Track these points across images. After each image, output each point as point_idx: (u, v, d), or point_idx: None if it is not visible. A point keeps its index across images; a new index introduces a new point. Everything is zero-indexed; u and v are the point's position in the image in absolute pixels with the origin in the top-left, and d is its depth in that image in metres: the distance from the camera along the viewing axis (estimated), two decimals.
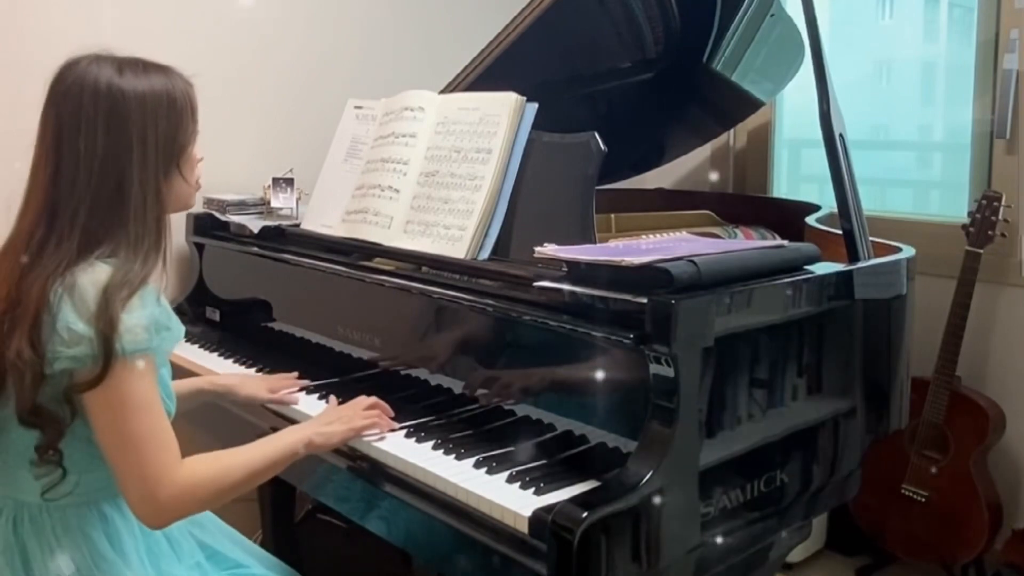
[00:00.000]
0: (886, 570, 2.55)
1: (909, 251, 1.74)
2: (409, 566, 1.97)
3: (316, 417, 1.52)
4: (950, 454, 2.30)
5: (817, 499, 1.53)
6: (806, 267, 1.49)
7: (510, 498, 1.25)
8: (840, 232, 1.65)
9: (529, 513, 1.20)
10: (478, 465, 1.36)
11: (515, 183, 1.66)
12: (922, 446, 2.33)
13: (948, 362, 2.26)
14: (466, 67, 1.95)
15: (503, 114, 1.69)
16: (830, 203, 1.86)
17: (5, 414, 1.23)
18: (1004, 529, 2.33)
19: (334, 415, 1.50)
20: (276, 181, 2.25)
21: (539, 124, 1.68)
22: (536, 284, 1.40)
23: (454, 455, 1.41)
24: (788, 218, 2.23)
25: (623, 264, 1.28)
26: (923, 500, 2.33)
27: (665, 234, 1.88)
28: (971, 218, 2.26)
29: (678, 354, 1.22)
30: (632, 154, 2.43)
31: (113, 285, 1.17)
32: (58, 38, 1.33)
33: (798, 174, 3.07)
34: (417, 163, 1.81)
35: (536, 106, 1.69)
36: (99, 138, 1.21)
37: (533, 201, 1.65)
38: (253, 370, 1.90)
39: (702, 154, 2.99)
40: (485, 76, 1.91)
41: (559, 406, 1.41)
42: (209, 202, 2.29)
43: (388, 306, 1.72)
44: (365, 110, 2.02)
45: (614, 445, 1.32)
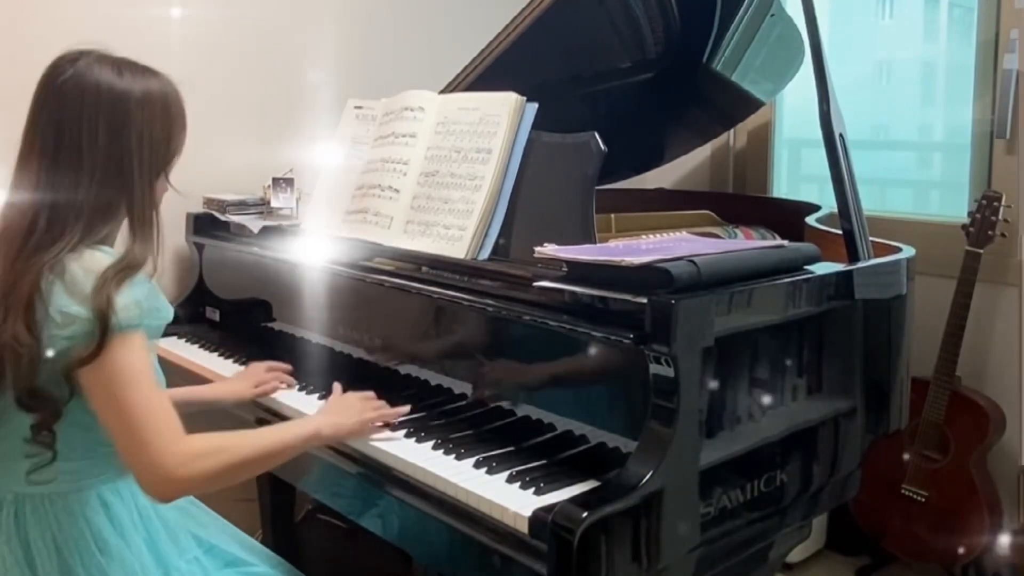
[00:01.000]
0: (886, 570, 2.55)
1: (909, 251, 1.74)
2: (409, 566, 1.97)
3: (324, 408, 1.54)
4: (950, 454, 2.30)
5: (817, 499, 1.53)
6: (806, 267, 1.49)
7: (510, 498, 1.25)
8: (840, 232, 1.65)
9: (529, 513, 1.20)
10: (478, 465, 1.36)
11: (515, 183, 1.66)
12: (922, 446, 2.33)
13: (948, 362, 2.26)
14: (466, 67, 1.95)
15: (503, 114, 1.69)
16: (830, 203, 1.86)
17: (2, 404, 1.25)
18: (1004, 529, 2.33)
19: (343, 405, 1.52)
20: (276, 181, 2.25)
21: (539, 124, 1.68)
22: (536, 284, 1.40)
23: (454, 455, 1.41)
24: (788, 218, 2.23)
25: (623, 264, 1.28)
26: (923, 500, 2.33)
27: (665, 234, 1.88)
28: (971, 218, 2.26)
29: (678, 354, 1.22)
30: (632, 154, 2.43)
31: (110, 268, 1.22)
32: (57, 36, 1.33)
33: (798, 174, 3.08)
34: (417, 163, 1.81)
35: (536, 106, 1.69)
36: (100, 137, 1.25)
37: (533, 201, 1.65)
38: None
39: (702, 154, 3.00)
40: (485, 76, 1.91)
41: (559, 406, 1.41)
42: (209, 202, 2.29)
43: (388, 306, 1.72)
44: (365, 110, 2.02)
45: (614, 445, 1.32)
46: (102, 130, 1.25)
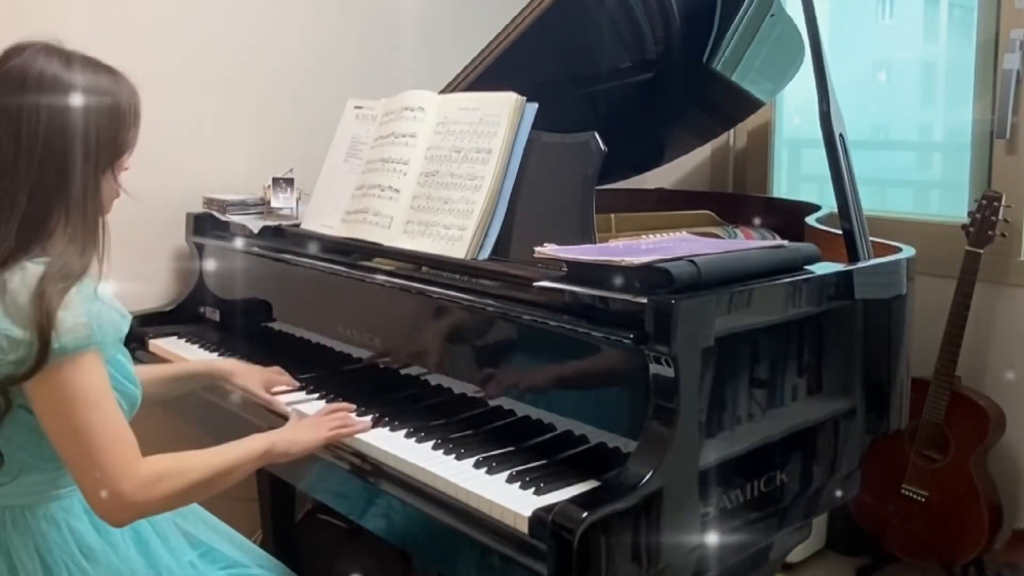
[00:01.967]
0: (886, 570, 2.55)
1: (909, 251, 1.74)
2: (409, 566, 1.98)
3: (283, 426, 1.51)
4: (950, 454, 2.30)
5: (817, 499, 1.53)
6: (806, 267, 1.49)
7: (510, 498, 1.25)
8: (840, 232, 1.65)
9: (529, 513, 1.20)
10: (478, 465, 1.36)
11: (515, 183, 1.66)
12: (922, 446, 2.33)
13: (948, 362, 2.26)
14: (466, 67, 1.95)
15: (503, 114, 1.69)
16: (830, 203, 1.86)
17: None
18: (1004, 529, 2.33)
19: (305, 422, 1.50)
20: (276, 181, 2.25)
21: (539, 124, 1.68)
22: (536, 284, 1.40)
23: (454, 455, 1.41)
24: (788, 218, 2.23)
25: (623, 264, 1.28)
26: (923, 500, 2.33)
27: (665, 234, 1.88)
28: (971, 218, 2.27)
29: (678, 354, 1.22)
30: (632, 154, 2.43)
31: (48, 277, 1.15)
32: (55, 34, 1.32)
33: (798, 174, 3.07)
34: (417, 163, 1.81)
35: (536, 106, 1.69)
36: (41, 125, 1.19)
37: (533, 201, 1.65)
38: None
39: (702, 154, 2.99)
40: (485, 76, 1.91)
41: (559, 406, 1.41)
42: (209, 202, 2.29)
43: (388, 306, 1.72)
44: (365, 110, 2.02)
45: (614, 445, 1.32)
46: (44, 117, 1.19)
